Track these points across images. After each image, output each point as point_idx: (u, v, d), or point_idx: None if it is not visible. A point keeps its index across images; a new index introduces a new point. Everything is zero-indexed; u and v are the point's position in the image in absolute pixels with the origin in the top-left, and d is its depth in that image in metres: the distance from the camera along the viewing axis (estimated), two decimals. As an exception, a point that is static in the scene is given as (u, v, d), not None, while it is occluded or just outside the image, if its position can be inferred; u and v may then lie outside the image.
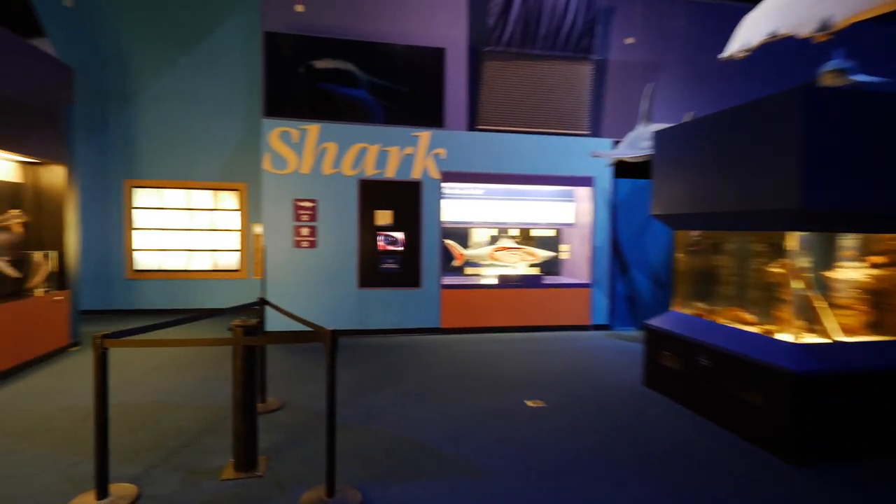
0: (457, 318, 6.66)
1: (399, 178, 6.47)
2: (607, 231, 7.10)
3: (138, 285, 7.39)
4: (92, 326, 6.43)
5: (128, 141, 7.29)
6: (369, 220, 6.40)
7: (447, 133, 6.62)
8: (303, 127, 6.15)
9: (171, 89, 7.35)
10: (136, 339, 2.68)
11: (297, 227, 6.21)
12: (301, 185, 6.20)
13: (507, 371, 5.03)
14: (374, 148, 6.37)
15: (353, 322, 6.40)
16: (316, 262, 6.26)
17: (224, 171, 7.55)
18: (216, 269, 7.64)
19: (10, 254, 4.94)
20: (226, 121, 7.47)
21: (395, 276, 6.50)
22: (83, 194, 7.16)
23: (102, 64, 7.17)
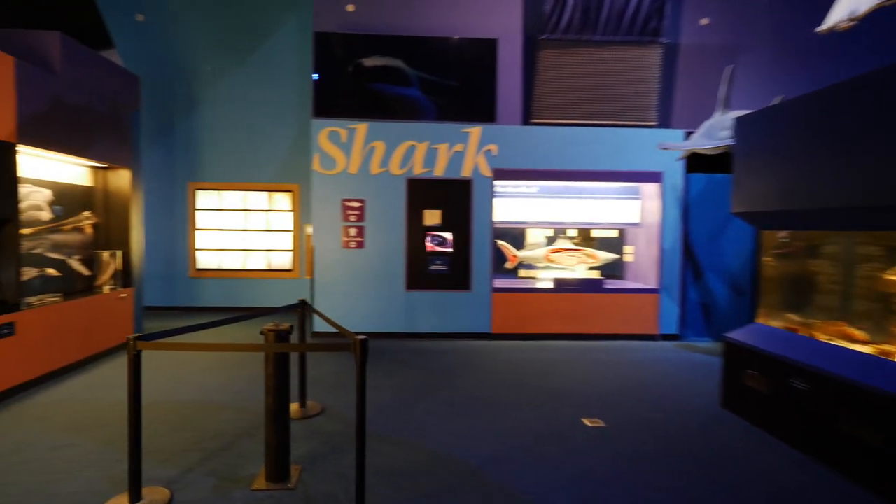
0: (509, 324, 6.30)
1: (448, 177, 6.22)
2: (678, 231, 6.43)
3: (200, 283, 7.68)
4: (156, 322, 6.73)
5: (191, 145, 7.60)
6: (417, 220, 6.20)
7: (499, 128, 6.29)
8: (351, 126, 6.06)
9: (231, 94, 7.58)
10: (169, 342, 2.60)
11: (346, 228, 6.13)
12: (349, 185, 6.12)
13: (563, 383, 4.61)
14: (423, 146, 6.16)
15: (401, 325, 6.23)
16: (364, 263, 6.15)
17: (279, 173, 7.68)
18: (270, 269, 7.79)
19: (81, 253, 5.22)
20: (281, 123, 7.59)
21: (444, 278, 6.25)
22: (152, 197, 7.56)
23: (169, 73, 7.53)
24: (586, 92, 6.69)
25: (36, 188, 4.59)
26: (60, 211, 4.90)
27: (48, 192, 4.74)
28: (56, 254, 4.85)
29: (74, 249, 5.12)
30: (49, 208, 4.76)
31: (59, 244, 4.90)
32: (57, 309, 4.39)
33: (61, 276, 4.89)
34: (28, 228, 4.48)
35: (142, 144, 7.50)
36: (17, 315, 3.95)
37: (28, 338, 4.05)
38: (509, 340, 6.26)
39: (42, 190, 4.67)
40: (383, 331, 6.20)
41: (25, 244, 4.47)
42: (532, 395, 4.28)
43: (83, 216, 5.20)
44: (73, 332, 4.59)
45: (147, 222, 7.56)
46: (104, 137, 5.04)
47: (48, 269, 4.74)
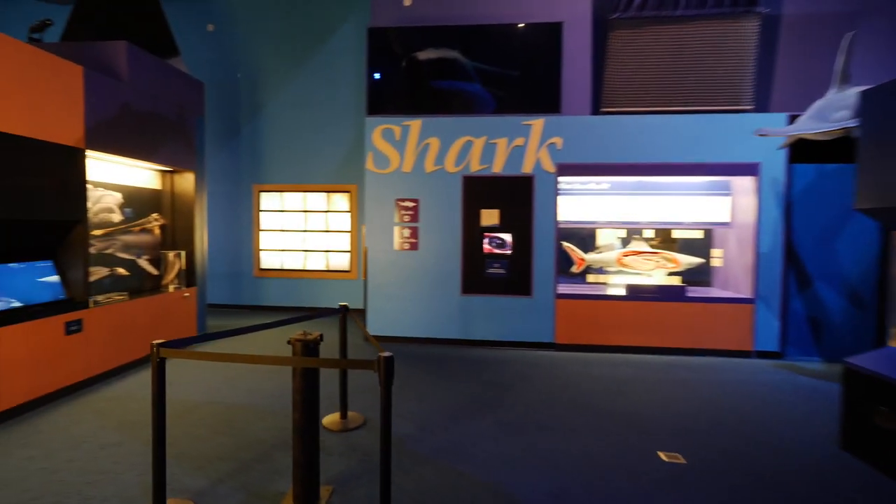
0: (574, 333, 5.73)
1: (507, 174, 5.79)
2: (779, 232, 5.50)
3: (263, 283, 7.88)
4: (220, 320, 6.96)
5: (256, 148, 7.82)
6: (474, 220, 5.83)
7: (564, 119, 5.75)
8: (405, 123, 5.84)
9: (292, 97, 7.70)
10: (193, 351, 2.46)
11: (399, 228, 5.91)
12: (403, 185, 5.89)
13: (637, 406, 4.01)
14: (480, 141, 5.78)
15: (456, 331, 5.89)
16: (417, 265, 5.90)
17: (337, 174, 7.68)
18: (329, 270, 7.80)
19: (150, 253, 5.45)
20: (340, 124, 7.58)
21: (503, 282, 5.82)
22: (219, 199, 7.86)
23: (235, 79, 7.80)
24: (666, 75, 5.94)
25: (107, 192, 4.82)
26: (130, 213, 5.13)
27: (119, 195, 4.96)
28: (126, 254, 5.07)
29: (143, 250, 5.34)
30: (120, 211, 4.98)
31: (129, 245, 5.12)
32: (123, 307, 4.56)
33: (130, 276, 5.11)
34: (99, 230, 4.71)
35: (209, 148, 7.85)
36: (85, 312, 4.11)
37: (95, 334, 4.22)
38: (574, 352, 5.69)
39: (113, 193, 4.89)
40: (436, 336, 5.90)
41: (97, 245, 4.70)
42: (599, 419, 3.74)
43: (152, 218, 5.42)
44: (138, 329, 4.75)
45: (214, 224, 7.89)
46: (169, 141, 5.21)
47: (118, 269, 4.96)
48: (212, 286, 7.95)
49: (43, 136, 3.71)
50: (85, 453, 3.07)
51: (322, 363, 2.14)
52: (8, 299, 3.65)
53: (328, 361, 2.13)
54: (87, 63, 4.52)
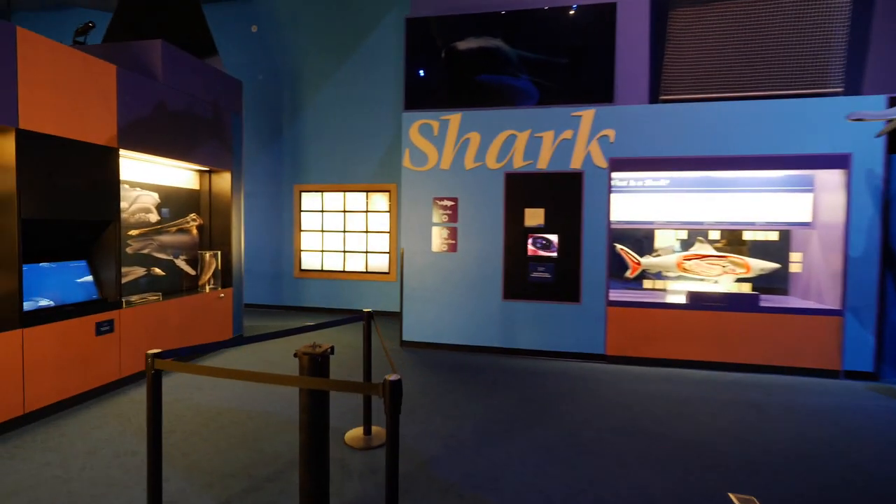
0: (628, 345, 5.18)
1: (554, 170, 5.33)
2: (875, 233, 4.71)
3: (304, 284, 7.82)
4: (260, 321, 6.93)
5: (297, 148, 7.78)
6: (517, 220, 5.41)
7: (618, 109, 5.22)
8: (443, 117, 5.51)
9: (334, 96, 7.59)
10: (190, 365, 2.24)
11: (437, 229, 5.59)
12: (441, 182, 5.57)
13: (700, 433, 3.46)
14: (524, 135, 5.36)
15: (496, 339, 5.49)
16: (456, 268, 5.55)
17: (376, 173, 7.48)
18: (368, 272, 7.62)
19: (188, 253, 5.44)
20: (381, 121, 7.38)
21: (548, 287, 5.36)
22: (262, 200, 7.88)
23: (277, 80, 7.80)
24: (736, 57, 5.26)
25: (144, 191, 4.83)
26: (167, 213, 5.12)
27: (155, 195, 4.97)
28: (163, 254, 5.08)
29: (181, 250, 5.34)
30: (157, 211, 4.98)
31: (166, 245, 5.12)
32: (156, 307, 4.52)
33: (167, 276, 5.10)
34: (136, 230, 4.71)
35: (252, 149, 7.89)
36: (117, 313, 4.08)
37: (127, 335, 4.19)
38: (627, 366, 5.14)
39: (150, 193, 4.90)
40: (475, 344, 5.53)
41: (133, 245, 4.71)
42: (655, 446, 3.24)
43: (189, 218, 5.41)
44: (172, 330, 4.71)
45: (257, 224, 7.91)
46: (205, 141, 5.17)
47: (155, 269, 4.96)
48: (253, 286, 7.99)
49: (75, 135, 3.69)
50: (100, 461, 2.96)
51: (320, 384, 1.84)
52: (39, 299, 3.65)
53: (326, 382, 1.83)
54: (124, 63, 4.53)
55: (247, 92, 7.85)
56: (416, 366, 5.01)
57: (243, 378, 1.95)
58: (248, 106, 7.87)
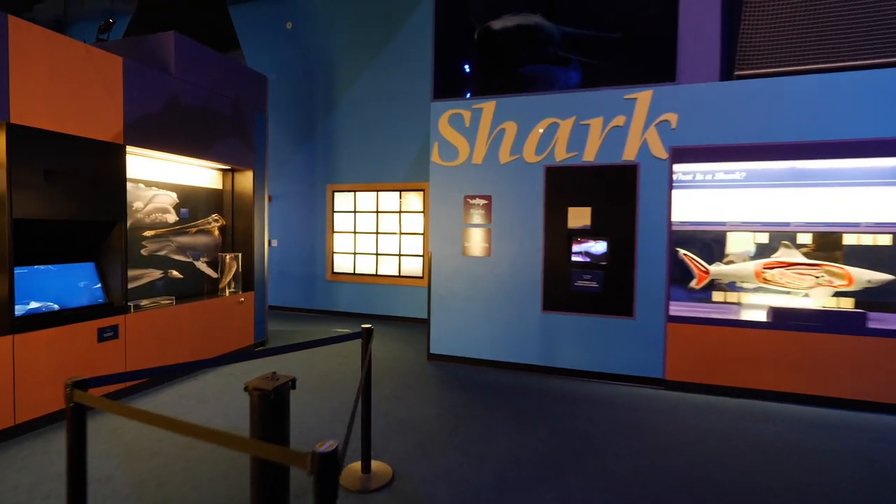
0: (692, 369, 4.36)
1: (603, 162, 4.60)
2: None
3: (337, 287, 7.51)
4: (288, 325, 6.67)
5: (330, 147, 7.49)
6: (559, 220, 4.74)
7: (681, 89, 4.41)
8: (476, 106, 4.95)
9: (367, 92, 7.23)
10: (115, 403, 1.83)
11: (468, 230, 5.03)
12: (473, 179, 5.00)
13: (791, 490, 2.65)
14: (567, 123, 4.68)
15: (534, 355, 4.84)
16: (489, 275, 4.96)
17: (409, 171, 7.03)
18: (401, 276, 7.17)
19: (210, 255, 5.24)
20: (414, 116, 6.93)
21: (595, 298, 4.64)
22: (296, 200, 7.67)
23: (311, 76, 7.56)
24: (833, 17, 4.28)
25: (161, 191, 4.64)
26: (187, 213, 4.93)
27: (174, 194, 4.78)
28: (181, 256, 4.88)
29: (202, 252, 5.14)
30: (175, 211, 4.79)
31: (185, 246, 4.92)
32: (168, 312, 4.30)
33: (185, 279, 4.90)
34: (151, 231, 4.53)
35: (286, 149, 7.70)
36: (122, 318, 3.87)
37: (134, 342, 3.97)
38: (691, 393, 4.32)
39: (168, 193, 4.71)
40: (510, 360, 4.91)
41: (149, 246, 4.53)
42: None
43: (211, 219, 5.21)
44: (185, 336, 4.48)
45: (291, 225, 7.71)
46: (224, 138, 4.93)
47: (172, 272, 4.77)
48: (287, 289, 7.80)
49: (76, 130, 3.50)
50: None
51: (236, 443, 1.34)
52: (36, 303, 3.48)
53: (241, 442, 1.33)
54: (139, 58, 4.36)
55: (281, 91, 7.69)
56: (440, 384, 4.47)
57: (159, 425, 1.50)
58: (282, 105, 7.70)
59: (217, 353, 4.87)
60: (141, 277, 4.45)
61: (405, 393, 4.20)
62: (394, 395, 4.14)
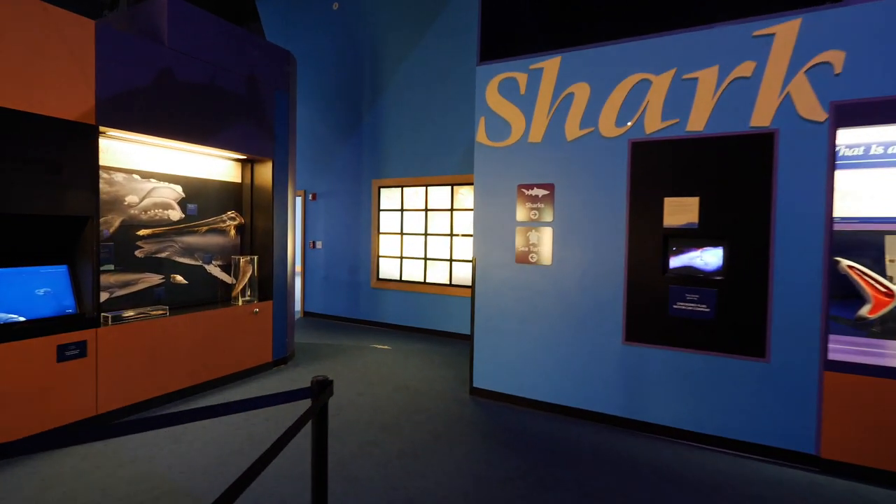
0: (865, 445, 2.80)
1: (718, 132, 3.18)
2: None
3: (382, 296, 6.65)
4: (325, 338, 5.89)
5: (376, 137, 6.65)
6: (649, 216, 3.38)
7: (849, 12, 2.88)
8: (534, 66, 3.75)
9: (415, 73, 6.28)
10: None
11: (522, 231, 3.84)
12: (529, 163, 3.80)
13: None
14: (664, 79, 3.32)
15: (612, 402, 3.52)
16: (551, 289, 3.72)
17: (463, 162, 5.95)
18: (452, 284, 6.11)
19: (225, 258, 4.58)
20: (467, 98, 5.84)
21: (706, 328, 3.22)
22: (342, 197, 6.95)
23: (358, 61, 6.78)
24: None
25: (162, 183, 4.03)
26: (195, 210, 4.30)
27: (178, 188, 4.16)
28: (188, 258, 4.25)
29: (214, 254, 4.49)
30: (180, 207, 4.17)
31: (193, 248, 4.29)
32: (157, 326, 3.64)
33: (189, 285, 4.26)
34: (148, 229, 3.92)
35: (332, 141, 7.00)
36: (92, 332, 3.24)
37: (108, 361, 3.33)
38: (864, 483, 2.76)
39: (171, 186, 4.10)
40: (579, 406, 3.63)
41: (146, 247, 3.92)
42: None
43: (226, 216, 4.55)
44: (182, 353, 3.81)
45: (336, 226, 7.00)
46: (235, 122, 4.23)
47: (176, 276, 4.14)
48: (331, 296, 7.10)
49: (28, 106, 2.90)
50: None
51: None
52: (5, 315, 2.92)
53: None
54: (133, 30, 3.76)
55: (328, 78, 7.03)
56: (479, 435, 3.33)
57: None
58: (330, 94, 7.03)
59: (224, 372, 4.17)
60: (135, 283, 3.85)
61: (429, 448, 3.13)
62: (413, 450, 3.09)
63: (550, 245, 3.71)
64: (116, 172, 3.71)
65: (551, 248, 3.71)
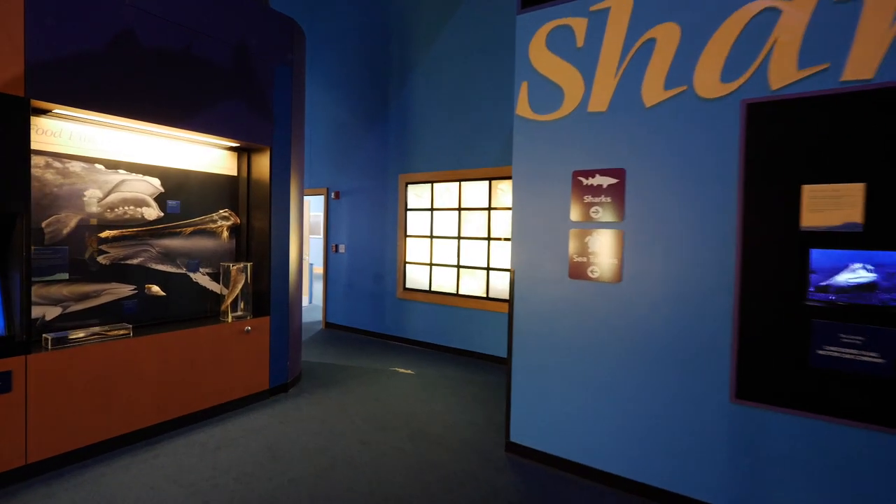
0: None
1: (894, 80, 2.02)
2: None
3: (409, 308, 5.76)
4: (344, 357, 5.06)
5: (404, 126, 5.79)
6: (777, 214, 2.26)
7: None
8: (596, 7, 2.71)
9: (451, 49, 5.36)
10: None
11: (578, 235, 2.80)
12: (589, 140, 2.76)
13: None
14: (800, 5, 2.19)
15: (718, 489, 2.40)
16: (619, 317, 2.66)
17: (504, 151, 4.95)
18: (489, 298, 5.12)
19: (215, 265, 3.87)
20: (504, 79, 4.84)
21: (877, 388, 2.06)
22: (367, 195, 6.16)
23: (383, 39, 5.95)
24: None
25: (134, 175, 3.35)
26: (178, 208, 3.59)
27: (156, 181, 3.47)
28: (169, 266, 3.55)
29: (203, 260, 3.77)
30: (157, 204, 3.48)
31: (175, 252, 3.59)
32: (115, 349, 2.94)
33: (167, 297, 3.56)
34: (114, 230, 3.24)
35: (358, 132, 6.23)
36: (18, 360, 2.55)
37: (44, 396, 2.64)
38: None
39: (145, 178, 3.41)
40: (663, 488, 2.54)
41: (111, 252, 3.24)
42: None
43: (217, 215, 3.83)
44: (148, 384, 3.11)
45: (360, 228, 6.22)
46: (222, 101, 3.49)
47: (152, 287, 3.45)
48: (354, 307, 6.31)
49: (-73, 71, 2.24)
50: None
51: None
52: None
53: None
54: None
55: (350, 60, 6.27)
56: None
57: None
58: (352, 78, 6.26)
59: (203, 405, 3.43)
60: (96, 295, 3.18)
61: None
62: None
63: (619, 255, 2.66)
64: (72, 161, 3.05)
65: (620, 260, 2.65)
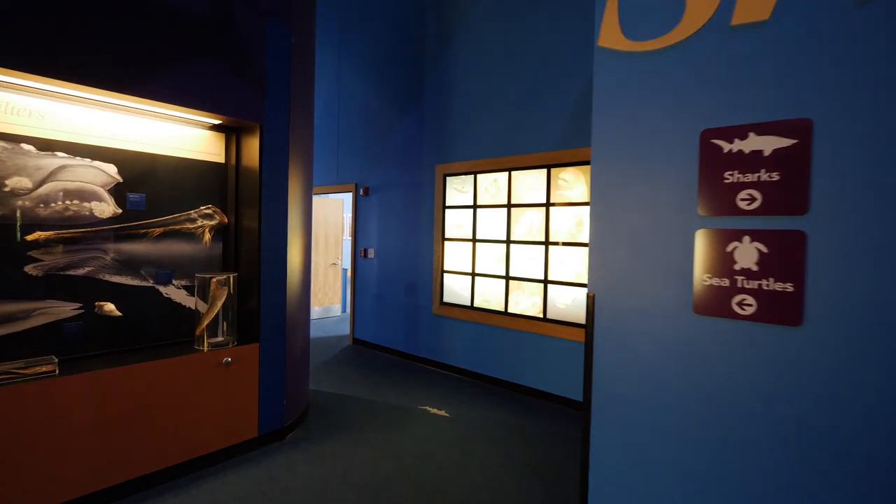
0: None
1: None
2: None
3: (447, 326, 4.76)
4: (363, 385, 4.12)
5: (441, 105, 4.79)
6: None
7: None
8: None
9: (495, 11, 4.31)
10: None
11: (715, 240, 1.65)
12: (734, 75, 1.61)
13: None
14: None
15: None
16: (793, 388, 1.50)
17: (567, 131, 3.83)
18: (547, 319, 4.01)
19: (189, 276, 3.05)
20: (572, 35, 3.73)
21: None
22: (400, 191, 5.24)
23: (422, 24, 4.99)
24: None
25: (80, 160, 2.58)
26: (142, 202, 2.80)
27: (111, 167, 2.69)
28: (127, 277, 2.76)
29: (176, 270, 2.97)
30: (112, 197, 2.70)
31: (138, 259, 2.80)
32: (29, 393, 2.15)
33: (124, 317, 2.76)
34: (50, 231, 2.48)
35: (391, 118, 5.31)
36: None
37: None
38: None
39: (96, 164, 2.64)
40: None
41: (46, 259, 2.48)
42: None
43: (195, 213, 3.02)
44: (81, 439, 2.33)
45: (391, 229, 5.30)
46: (192, 62, 2.66)
47: (105, 305, 2.66)
48: (383, 322, 5.39)
49: None
50: None
51: None
52: None
53: None
54: None
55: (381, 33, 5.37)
56: None
57: None
58: (385, 54, 5.35)
59: (160, 465, 2.60)
60: (24, 317, 2.42)
61: None
62: None
63: (797, 275, 1.50)
64: (-9, 139, 2.31)
65: (800, 284, 1.50)
